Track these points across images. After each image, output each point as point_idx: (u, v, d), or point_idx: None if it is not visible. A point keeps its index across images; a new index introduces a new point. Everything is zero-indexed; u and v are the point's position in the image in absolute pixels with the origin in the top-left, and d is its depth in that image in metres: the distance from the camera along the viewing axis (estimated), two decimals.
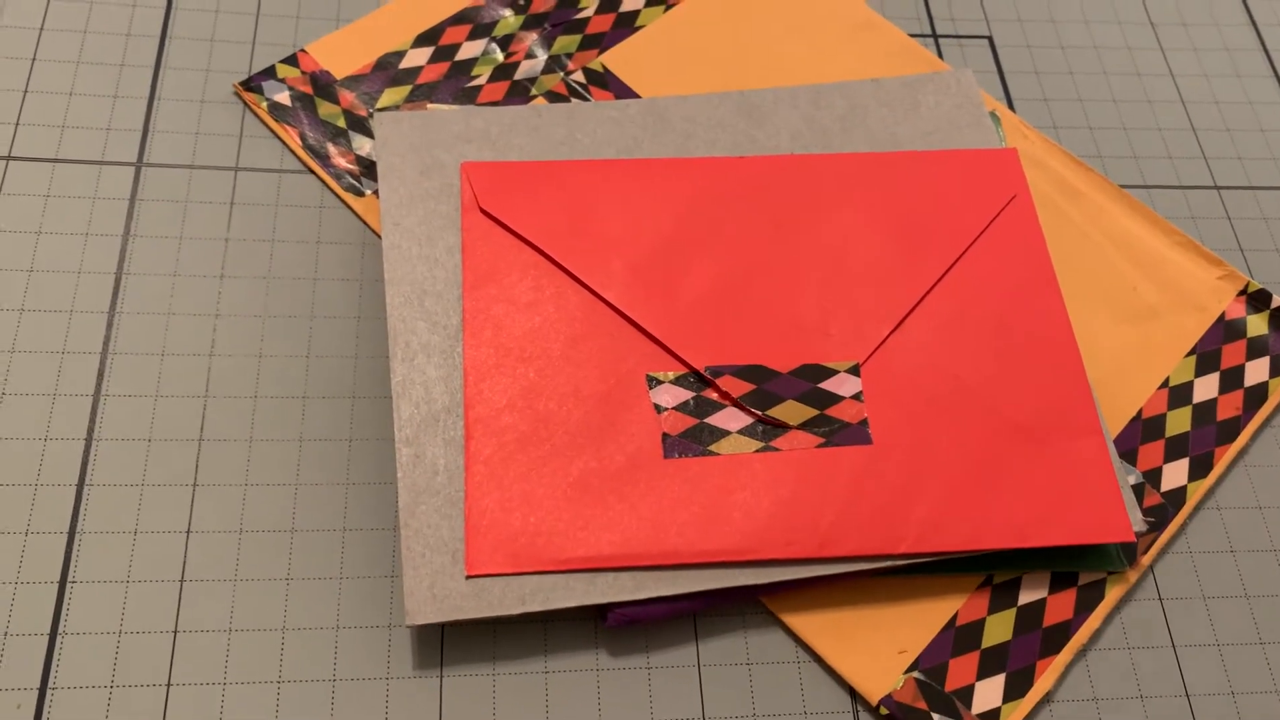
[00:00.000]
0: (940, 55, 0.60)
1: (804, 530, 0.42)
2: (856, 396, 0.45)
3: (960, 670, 0.42)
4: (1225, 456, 0.48)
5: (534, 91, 0.54)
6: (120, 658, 0.39)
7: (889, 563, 0.42)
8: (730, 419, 0.44)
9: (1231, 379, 0.50)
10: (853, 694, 0.42)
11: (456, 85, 0.54)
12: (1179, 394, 0.49)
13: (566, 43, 0.56)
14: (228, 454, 0.44)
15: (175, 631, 0.40)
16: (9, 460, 0.43)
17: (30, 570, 0.41)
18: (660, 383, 0.45)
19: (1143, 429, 0.48)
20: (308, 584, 0.42)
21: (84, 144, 0.51)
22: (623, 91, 0.55)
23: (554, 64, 0.55)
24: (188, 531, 0.42)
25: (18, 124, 0.51)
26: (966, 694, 0.41)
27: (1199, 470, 0.47)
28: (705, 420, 0.44)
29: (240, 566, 0.42)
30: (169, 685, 0.39)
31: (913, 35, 0.60)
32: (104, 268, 0.47)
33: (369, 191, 0.51)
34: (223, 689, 0.39)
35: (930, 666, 0.42)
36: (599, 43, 0.56)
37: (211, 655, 0.40)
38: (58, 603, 0.40)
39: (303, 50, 0.54)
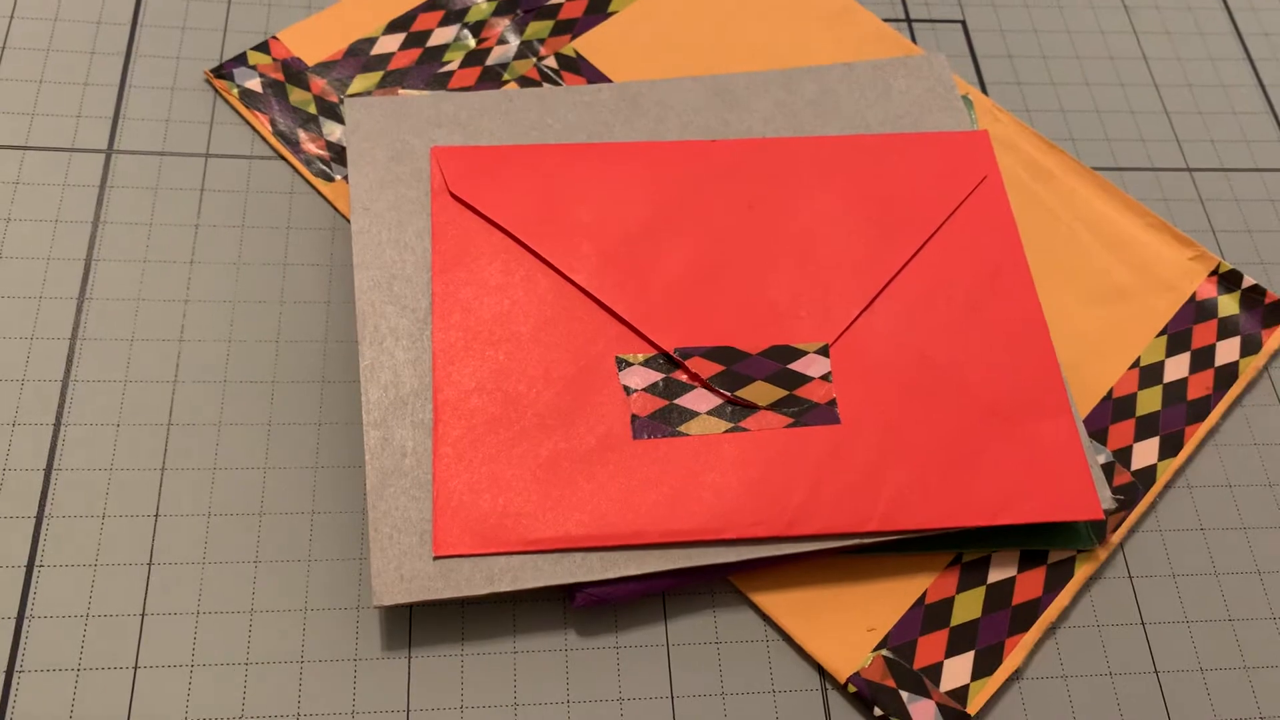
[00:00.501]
0: (914, 39, 0.60)
1: (773, 509, 0.42)
2: (825, 377, 0.45)
3: (929, 648, 0.42)
4: (1195, 435, 0.48)
5: (506, 77, 0.54)
6: (87, 641, 0.39)
7: (857, 541, 0.42)
8: (699, 400, 0.44)
9: (1202, 359, 0.50)
10: (821, 672, 0.42)
11: (428, 71, 0.54)
12: (1150, 374, 0.49)
13: (539, 28, 0.56)
14: (197, 438, 0.44)
15: (143, 615, 0.40)
16: None
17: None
18: (630, 365, 0.45)
19: (1113, 408, 0.48)
20: (276, 566, 0.42)
21: (54, 131, 0.51)
22: (595, 77, 0.55)
23: (526, 49, 0.55)
24: (156, 515, 0.42)
25: None
26: (935, 671, 0.41)
27: (1169, 449, 0.48)
28: (675, 401, 0.44)
29: (209, 549, 0.42)
30: (136, 668, 0.39)
31: (887, 19, 0.60)
32: (74, 254, 0.47)
33: (339, 177, 0.51)
34: (190, 671, 0.39)
35: (899, 644, 0.42)
36: (571, 28, 0.56)
37: (179, 638, 0.40)
38: (24, 587, 0.40)
39: (274, 37, 0.54)
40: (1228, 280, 0.52)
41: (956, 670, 0.42)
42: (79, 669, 0.39)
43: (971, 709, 0.41)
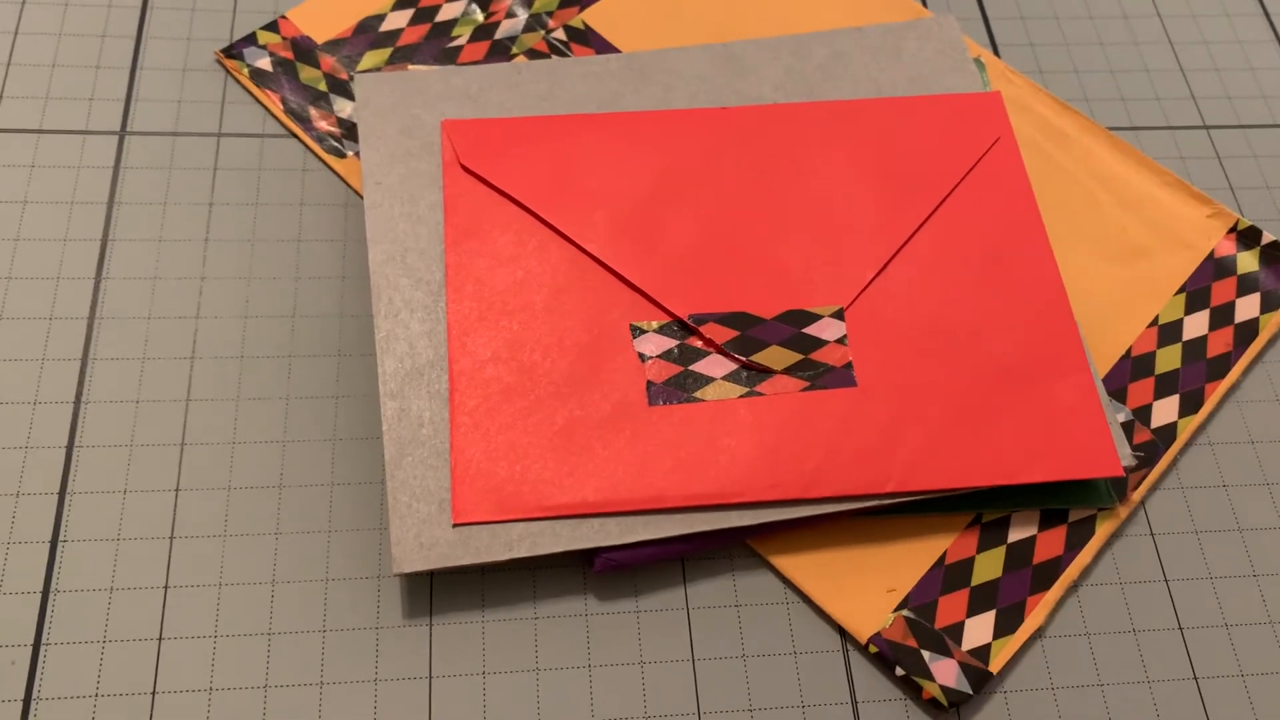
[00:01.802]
0: (925, 3, 0.59)
1: (790, 472, 0.42)
2: (841, 340, 0.45)
3: (950, 608, 0.42)
4: (1216, 393, 0.48)
5: (515, 50, 0.54)
6: (113, 614, 0.40)
7: (876, 502, 0.42)
8: (715, 366, 0.44)
9: (1221, 316, 0.50)
10: (842, 633, 0.42)
11: (437, 46, 0.54)
12: (1168, 332, 0.49)
13: (547, 1, 0.56)
14: (215, 413, 0.44)
15: (166, 587, 0.40)
16: (0, 424, 0.43)
17: (22, 530, 0.41)
18: (644, 332, 0.45)
19: (1132, 367, 0.48)
20: (297, 538, 0.42)
21: (68, 114, 0.51)
22: (604, 48, 0.55)
23: (534, 22, 0.55)
24: (177, 490, 0.42)
25: (2, 97, 0.51)
26: (956, 631, 0.41)
27: (1189, 406, 0.47)
28: (690, 368, 0.44)
29: (230, 522, 0.42)
30: (160, 639, 0.39)
31: None
32: (90, 234, 0.48)
33: (350, 153, 0.51)
34: (214, 642, 0.40)
35: (920, 605, 0.42)
36: (580, 0, 0.56)
37: (203, 610, 0.40)
38: (49, 561, 0.41)
39: (283, 16, 0.54)
40: (1246, 237, 0.52)
41: (978, 629, 0.42)
42: (104, 641, 0.39)
43: (994, 667, 0.41)
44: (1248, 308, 0.50)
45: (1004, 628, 0.42)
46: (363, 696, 0.39)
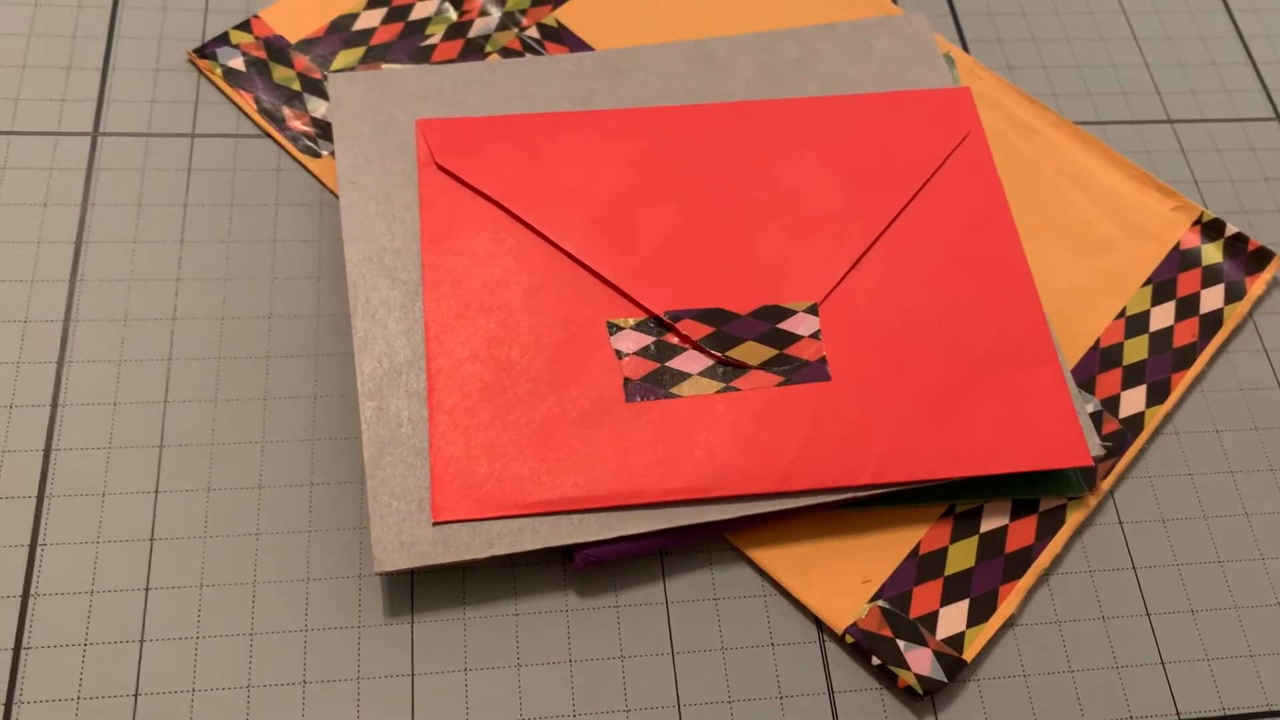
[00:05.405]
0: (895, 0, 0.60)
1: (766, 466, 0.43)
2: (815, 335, 0.46)
3: (924, 597, 0.43)
4: (1182, 383, 0.49)
5: (488, 49, 0.55)
6: (93, 617, 0.40)
7: (850, 495, 0.43)
8: (691, 361, 0.45)
9: (1187, 307, 0.51)
10: (819, 624, 0.42)
11: (411, 45, 0.54)
12: (1136, 323, 0.50)
13: None
14: (194, 415, 0.44)
15: (147, 590, 0.41)
16: None
17: (1, 535, 0.41)
18: (621, 329, 0.45)
19: (1100, 358, 0.49)
20: (277, 539, 0.42)
21: (39, 116, 0.51)
22: (577, 46, 0.55)
23: (508, 20, 0.56)
24: (156, 491, 0.42)
25: None
26: (930, 620, 0.42)
27: (1156, 396, 0.48)
28: (666, 364, 0.45)
29: (210, 524, 0.42)
30: (142, 641, 0.40)
31: None
32: (64, 237, 0.48)
33: (325, 153, 0.51)
34: (196, 643, 0.40)
35: (894, 595, 0.43)
36: None
37: (184, 610, 0.40)
38: (29, 565, 0.41)
39: (256, 16, 0.54)
40: (1210, 229, 0.52)
41: (952, 618, 0.42)
42: (86, 644, 0.39)
43: (967, 655, 0.41)
44: (1212, 299, 0.51)
45: (977, 616, 0.42)
46: (345, 695, 0.39)
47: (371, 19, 0.55)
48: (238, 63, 0.53)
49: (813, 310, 0.46)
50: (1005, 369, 0.46)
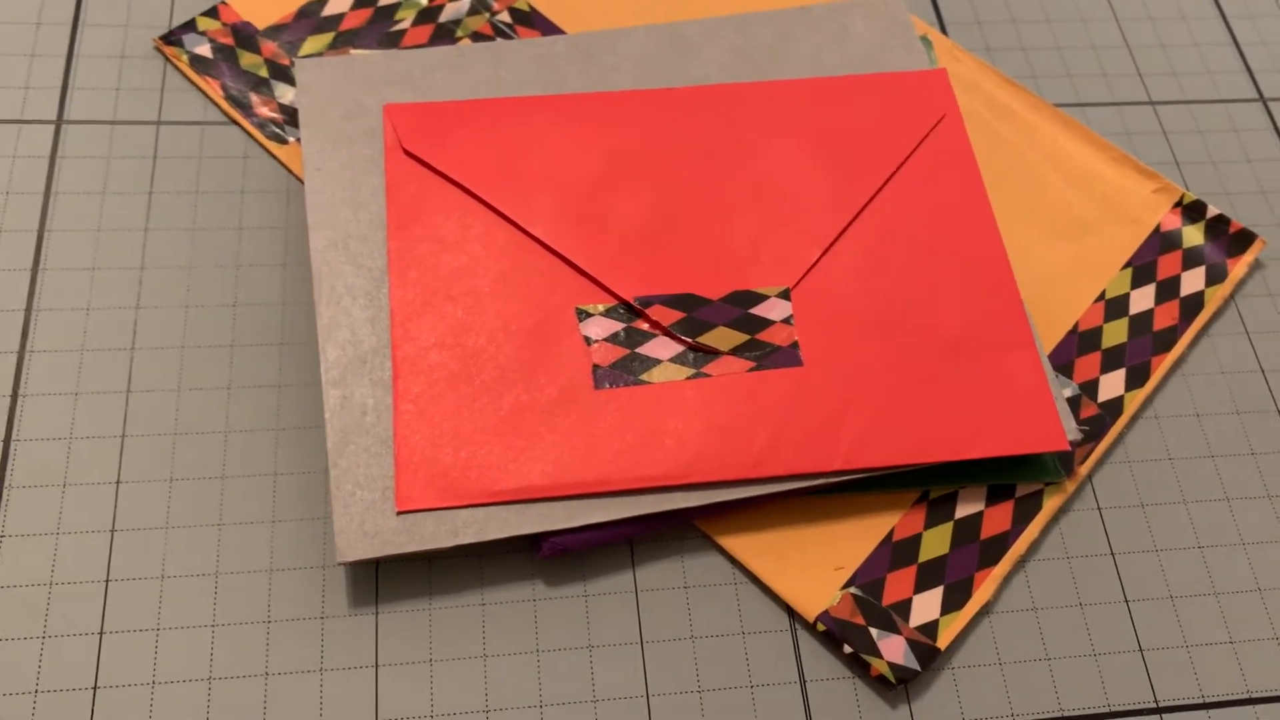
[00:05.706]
0: None
1: (737, 453, 0.42)
2: (787, 320, 0.45)
3: (898, 584, 0.42)
4: (1162, 366, 0.48)
5: (459, 34, 0.54)
6: (52, 608, 0.39)
7: (823, 481, 0.42)
8: (661, 348, 0.44)
9: (1167, 290, 0.50)
10: (790, 612, 0.42)
11: (380, 30, 0.53)
12: (1115, 306, 0.49)
13: None
14: (156, 404, 0.43)
15: (107, 581, 0.40)
16: None
17: None
18: (590, 315, 0.45)
19: (1079, 341, 0.48)
20: (240, 529, 0.41)
21: (2, 103, 0.50)
22: (550, 30, 0.54)
23: (479, 5, 0.55)
24: (118, 482, 0.42)
25: None
26: (904, 607, 0.41)
27: (1136, 380, 0.47)
28: (636, 350, 0.44)
29: (172, 514, 0.41)
30: (102, 634, 0.39)
31: None
32: (26, 225, 0.47)
33: (292, 139, 0.50)
34: (156, 635, 0.39)
35: (867, 582, 0.42)
36: None
37: (145, 603, 0.40)
38: None
39: (223, 2, 0.54)
40: (1192, 211, 0.52)
41: (926, 606, 0.42)
42: (44, 636, 0.39)
43: (941, 644, 0.41)
44: (1193, 281, 0.50)
45: (952, 604, 0.42)
46: (309, 687, 0.39)
47: (340, 4, 0.54)
48: (205, 50, 0.52)
49: (785, 295, 0.46)
50: (981, 353, 0.45)
